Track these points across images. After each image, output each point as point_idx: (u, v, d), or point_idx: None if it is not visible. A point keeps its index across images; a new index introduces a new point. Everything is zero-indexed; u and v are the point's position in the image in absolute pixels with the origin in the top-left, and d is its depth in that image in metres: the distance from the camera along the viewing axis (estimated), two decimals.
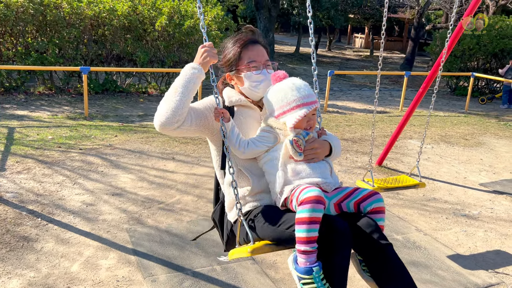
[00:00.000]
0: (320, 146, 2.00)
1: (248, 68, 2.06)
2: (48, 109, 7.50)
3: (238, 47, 2.06)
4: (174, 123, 1.90)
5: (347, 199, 1.94)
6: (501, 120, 9.04)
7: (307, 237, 1.72)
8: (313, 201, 1.72)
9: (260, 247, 1.90)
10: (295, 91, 1.94)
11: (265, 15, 15.54)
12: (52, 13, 7.97)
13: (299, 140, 1.92)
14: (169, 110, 1.89)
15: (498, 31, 11.70)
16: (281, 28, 37.80)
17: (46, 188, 4.24)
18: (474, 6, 4.15)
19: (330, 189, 1.96)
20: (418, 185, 3.85)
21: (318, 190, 1.76)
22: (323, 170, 1.98)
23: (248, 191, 2.03)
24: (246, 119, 2.09)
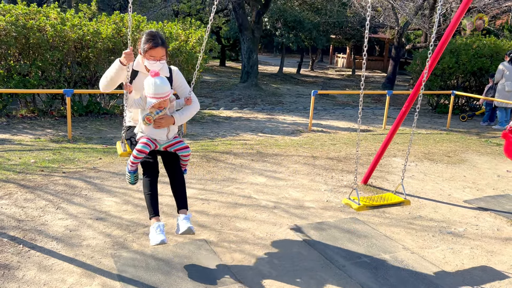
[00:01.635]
0: (165, 120, 3.41)
1: (149, 58, 3.39)
2: (31, 132, 7.39)
3: (148, 47, 3.35)
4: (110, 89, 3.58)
5: (171, 147, 3.51)
6: (482, 137, 9.20)
7: (132, 162, 3.49)
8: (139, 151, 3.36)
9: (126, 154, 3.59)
10: (152, 87, 3.25)
11: (249, 37, 15.71)
12: (35, 36, 7.93)
13: (150, 116, 3.34)
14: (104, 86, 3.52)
15: (476, 50, 12.01)
16: (264, 48, 38.22)
17: (28, 213, 4.15)
18: (453, 27, 4.26)
19: (161, 142, 3.48)
20: (403, 202, 3.88)
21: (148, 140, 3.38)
22: (160, 133, 3.45)
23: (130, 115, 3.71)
24: (142, 79, 3.43)
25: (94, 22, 8.77)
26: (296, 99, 14.50)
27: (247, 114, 10.75)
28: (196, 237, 3.89)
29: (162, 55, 3.39)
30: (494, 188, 5.81)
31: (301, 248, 3.83)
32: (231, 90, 15.28)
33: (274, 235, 4.04)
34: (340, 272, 3.45)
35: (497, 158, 7.41)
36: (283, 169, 6.03)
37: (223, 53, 26.63)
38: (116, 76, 3.40)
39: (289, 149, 7.16)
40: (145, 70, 3.47)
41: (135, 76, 3.48)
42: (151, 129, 3.41)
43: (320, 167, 6.26)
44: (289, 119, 10.14)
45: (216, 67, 25.25)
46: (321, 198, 5.06)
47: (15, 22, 7.84)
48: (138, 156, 3.37)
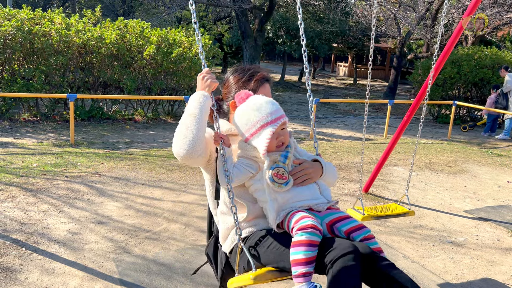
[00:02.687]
0: (311, 166, 1.99)
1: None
2: (33, 136, 7.43)
3: (255, 83, 2.10)
4: (199, 150, 1.89)
5: (339, 224, 1.92)
6: (483, 148, 9.22)
7: (305, 258, 1.72)
8: (309, 227, 1.77)
9: (263, 274, 1.82)
10: (256, 111, 1.91)
11: (251, 44, 15.79)
12: (40, 41, 7.99)
13: (279, 170, 1.88)
14: (193, 137, 1.88)
15: (478, 61, 12.07)
16: (266, 56, 38.35)
17: (30, 216, 4.17)
18: (456, 37, 4.30)
19: (322, 208, 1.95)
20: (407, 213, 3.87)
21: (312, 220, 1.79)
22: (312, 192, 1.96)
23: (244, 217, 2.01)
24: (235, 146, 2.09)
25: (98, 28, 8.84)
26: (297, 106, 14.55)
27: None
28: (198, 242, 3.90)
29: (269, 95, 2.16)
30: (494, 199, 5.82)
31: None
32: None
33: None
34: None
35: (497, 169, 7.43)
36: None
37: (225, 60, 26.74)
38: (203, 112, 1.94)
39: None
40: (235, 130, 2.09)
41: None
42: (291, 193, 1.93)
43: None
44: (290, 127, 10.18)
45: (218, 74, 25.34)
46: None
47: (21, 27, 7.91)
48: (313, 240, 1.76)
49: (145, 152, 6.90)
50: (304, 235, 1.74)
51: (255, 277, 1.81)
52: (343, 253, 1.69)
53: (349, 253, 1.70)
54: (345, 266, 1.67)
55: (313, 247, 1.74)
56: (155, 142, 7.66)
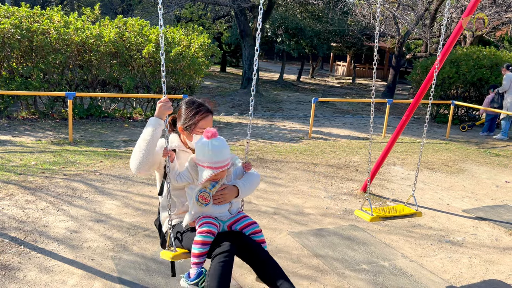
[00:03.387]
0: (229, 192, 2.64)
1: (199, 132, 2.67)
2: (32, 134, 7.42)
3: (198, 117, 2.68)
4: (148, 167, 2.60)
5: (235, 224, 2.67)
6: (481, 147, 9.24)
7: (198, 253, 2.50)
8: (205, 232, 2.49)
9: (178, 255, 2.63)
10: (210, 153, 2.47)
11: (250, 43, 15.78)
12: (38, 38, 7.98)
13: (205, 194, 2.54)
14: (142, 158, 2.56)
15: (476, 60, 12.08)
16: (265, 55, 38.36)
17: (29, 214, 4.16)
18: (455, 37, 4.31)
19: (225, 218, 2.66)
20: (415, 214, 3.85)
21: (211, 226, 2.52)
22: (221, 208, 2.63)
23: (174, 211, 2.77)
24: (181, 160, 2.73)
25: (97, 26, 8.82)
26: (296, 106, 14.56)
27: (247, 120, 10.79)
28: None
29: (211, 125, 2.72)
30: (492, 198, 5.83)
31: (301, 254, 3.84)
32: (232, 96, 15.33)
33: (274, 241, 4.05)
34: (339, 279, 3.47)
35: (496, 168, 7.45)
36: (283, 175, 6.06)
37: (224, 59, 26.73)
38: (153, 138, 2.55)
39: (289, 156, 7.19)
40: (184, 147, 2.78)
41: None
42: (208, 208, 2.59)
43: (320, 174, 6.29)
44: (289, 126, 10.18)
45: (216, 73, 25.34)
46: (321, 205, 5.08)
47: (20, 25, 7.89)
48: (206, 241, 2.49)
49: None
50: (200, 237, 2.49)
51: (173, 256, 2.61)
52: (220, 252, 2.44)
53: (225, 251, 2.44)
54: (220, 261, 2.41)
55: (205, 245, 2.50)
56: None
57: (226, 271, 2.39)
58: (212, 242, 2.50)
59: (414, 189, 4.03)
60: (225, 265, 2.40)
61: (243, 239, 2.62)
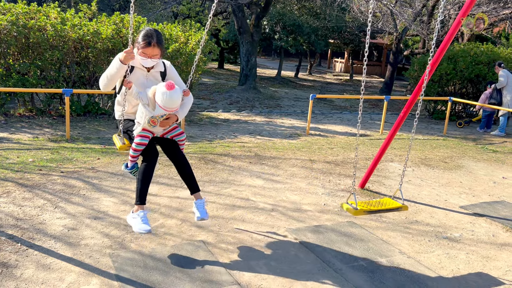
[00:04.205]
0: (170, 119, 3.50)
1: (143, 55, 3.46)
2: (29, 131, 7.39)
3: (142, 44, 3.42)
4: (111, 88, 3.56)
5: (167, 134, 3.64)
6: (478, 144, 9.26)
7: (132, 155, 3.60)
8: (138, 143, 3.50)
9: (125, 147, 3.62)
10: (165, 101, 3.30)
11: (248, 40, 15.75)
12: (35, 35, 7.94)
13: (155, 119, 3.38)
14: (107, 84, 3.48)
15: (473, 57, 12.09)
16: (263, 52, 38.29)
17: (26, 212, 4.15)
18: (452, 33, 4.30)
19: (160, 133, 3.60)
20: (400, 208, 3.90)
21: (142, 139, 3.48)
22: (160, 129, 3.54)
23: (126, 110, 3.67)
24: (137, 74, 3.55)
25: (94, 22, 8.78)
26: (294, 102, 14.55)
27: (245, 116, 10.77)
28: (194, 238, 3.91)
29: (155, 54, 3.46)
30: (490, 195, 5.85)
31: (298, 251, 3.85)
32: (230, 93, 15.30)
33: (272, 238, 4.06)
34: (337, 275, 3.48)
35: (493, 165, 7.46)
36: (281, 172, 6.06)
37: (222, 56, 26.68)
38: (116, 75, 3.43)
39: (287, 152, 7.19)
40: (140, 66, 3.55)
41: (131, 71, 3.53)
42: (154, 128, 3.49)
43: (318, 170, 6.29)
44: (287, 123, 10.18)
45: (214, 69, 25.28)
46: (319, 201, 5.09)
47: (16, 22, 7.85)
48: (138, 149, 3.50)
49: None
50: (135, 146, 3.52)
51: (121, 147, 3.62)
52: (146, 157, 3.54)
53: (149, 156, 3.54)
54: (146, 163, 3.53)
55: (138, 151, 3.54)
56: None
57: (148, 169, 3.51)
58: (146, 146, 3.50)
59: (401, 183, 4.07)
60: (148, 165, 3.51)
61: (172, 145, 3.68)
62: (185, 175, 3.69)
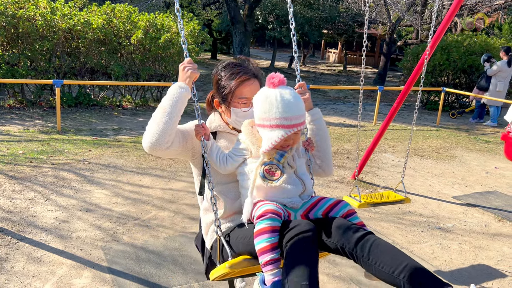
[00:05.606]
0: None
1: (238, 104, 2.02)
2: (19, 122, 7.30)
3: (235, 83, 2.00)
4: (165, 143, 1.87)
5: (314, 209, 1.88)
6: (471, 134, 9.28)
7: (269, 245, 1.68)
8: (269, 213, 1.73)
9: (238, 262, 1.83)
10: (280, 108, 1.77)
11: (241, 30, 15.64)
12: (24, 25, 7.82)
13: (272, 166, 1.81)
14: (159, 130, 1.86)
15: (467, 47, 12.08)
16: (256, 42, 38.10)
17: (16, 204, 4.10)
18: (446, 24, 4.28)
19: (297, 205, 1.89)
20: (403, 200, 3.87)
21: (273, 206, 1.76)
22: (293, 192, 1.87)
23: (222, 213, 2.01)
24: (225, 143, 2.08)
25: (85, 12, 8.67)
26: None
27: None
28: (187, 230, 3.88)
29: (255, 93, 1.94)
30: (482, 185, 5.87)
31: None
32: None
33: None
34: (330, 266, 3.47)
35: (485, 155, 7.49)
36: None
37: (215, 46, 26.48)
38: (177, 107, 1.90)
39: None
40: (227, 127, 2.12)
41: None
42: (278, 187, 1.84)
43: None
44: None
45: (207, 60, 25.13)
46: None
47: (5, 12, 7.72)
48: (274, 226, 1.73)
49: (133, 139, 6.83)
50: (263, 222, 1.71)
51: (231, 265, 1.80)
52: (297, 232, 1.67)
53: (304, 231, 1.67)
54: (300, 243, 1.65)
55: (275, 232, 1.70)
56: (144, 129, 7.54)
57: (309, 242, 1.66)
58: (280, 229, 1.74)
59: (403, 175, 4.04)
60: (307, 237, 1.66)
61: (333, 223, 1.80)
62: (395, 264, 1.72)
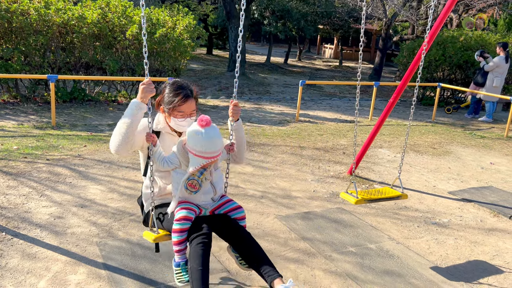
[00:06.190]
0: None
1: (177, 116, 2.70)
2: (13, 118, 7.25)
3: (177, 100, 2.67)
4: (126, 150, 2.61)
5: (219, 209, 2.74)
6: (466, 130, 9.31)
7: (177, 241, 2.56)
8: (182, 219, 2.54)
9: (161, 237, 2.69)
10: (204, 142, 2.48)
11: (236, 25, 15.58)
12: (18, 20, 7.74)
13: (193, 181, 2.56)
14: (122, 141, 2.55)
15: (463, 43, 12.09)
16: (252, 37, 38.01)
17: (11, 200, 4.07)
18: (442, 19, 4.27)
19: (208, 206, 2.70)
20: (400, 196, 3.86)
21: (186, 212, 2.55)
22: (206, 196, 2.67)
23: (157, 192, 2.79)
24: (166, 142, 2.78)
25: (79, 7, 8.59)
26: (283, 89, 14.47)
27: None
28: None
29: (193, 109, 2.72)
30: (478, 180, 5.88)
31: (288, 237, 3.83)
32: (218, 79, 15.17)
33: (261, 224, 4.04)
34: (327, 262, 3.47)
35: (481, 150, 7.51)
36: (271, 159, 6.02)
37: (210, 41, 26.39)
38: (134, 120, 2.55)
39: (276, 139, 7.15)
40: (170, 130, 2.79)
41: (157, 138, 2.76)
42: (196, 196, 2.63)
43: (307, 157, 6.27)
44: (276, 109, 10.12)
45: (203, 55, 25.04)
46: (308, 188, 5.07)
47: None
48: (183, 228, 2.53)
49: None
50: (177, 225, 2.54)
51: (155, 238, 2.68)
52: (197, 235, 2.51)
53: (201, 234, 2.51)
54: (198, 243, 2.48)
55: (183, 232, 2.54)
56: None
57: (204, 252, 2.46)
58: (191, 226, 2.55)
59: (400, 171, 4.04)
60: (203, 246, 2.47)
61: (227, 222, 2.71)
62: (256, 258, 2.61)
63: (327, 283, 3.19)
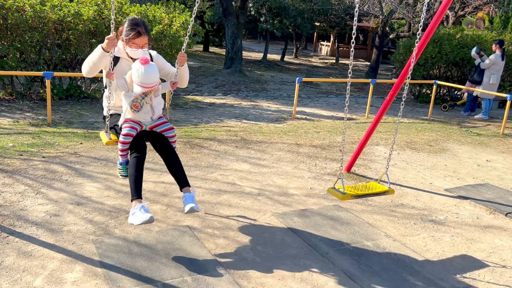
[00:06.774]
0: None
1: (132, 45, 3.46)
2: (9, 115, 7.21)
3: (132, 34, 3.41)
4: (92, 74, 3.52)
5: (156, 127, 3.58)
6: (462, 127, 9.33)
7: (121, 149, 3.48)
8: (125, 135, 3.38)
9: (112, 142, 3.57)
10: (141, 75, 3.24)
11: (233, 22, 15.54)
12: (13, 16, 7.69)
13: (137, 103, 3.36)
14: (87, 72, 3.47)
15: (459, 40, 12.11)
16: (248, 34, 37.94)
17: (6, 198, 4.05)
18: (439, 17, 4.27)
19: (148, 123, 3.54)
20: (387, 191, 3.89)
21: (130, 129, 3.39)
22: (145, 115, 3.48)
23: (113, 103, 3.64)
24: (123, 65, 3.51)
25: (75, 3, 8.54)
26: (280, 86, 14.46)
27: (231, 100, 10.68)
28: (180, 223, 3.86)
29: (144, 43, 3.46)
30: (474, 177, 5.90)
31: (285, 235, 3.83)
32: (215, 76, 15.14)
33: (258, 222, 4.03)
34: (323, 259, 3.47)
35: (477, 148, 7.53)
36: (267, 156, 6.02)
37: (207, 38, 26.33)
38: (98, 62, 3.39)
39: (273, 136, 7.15)
40: (127, 56, 3.52)
41: (116, 62, 3.50)
42: (136, 113, 3.42)
43: (304, 154, 6.27)
44: (273, 106, 10.12)
45: (199, 52, 24.98)
46: (305, 185, 5.07)
47: None
48: (126, 141, 3.39)
49: None
50: (122, 138, 3.39)
51: (107, 142, 3.59)
52: (135, 149, 3.42)
53: (138, 149, 3.42)
54: (134, 156, 3.40)
55: (125, 144, 3.42)
56: None
57: (138, 162, 3.36)
58: (132, 140, 3.41)
59: (387, 166, 4.05)
60: (138, 158, 3.37)
61: (161, 138, 3.59)
62: (174, 169, 3.54)
63: (324, 280, 3.19)
